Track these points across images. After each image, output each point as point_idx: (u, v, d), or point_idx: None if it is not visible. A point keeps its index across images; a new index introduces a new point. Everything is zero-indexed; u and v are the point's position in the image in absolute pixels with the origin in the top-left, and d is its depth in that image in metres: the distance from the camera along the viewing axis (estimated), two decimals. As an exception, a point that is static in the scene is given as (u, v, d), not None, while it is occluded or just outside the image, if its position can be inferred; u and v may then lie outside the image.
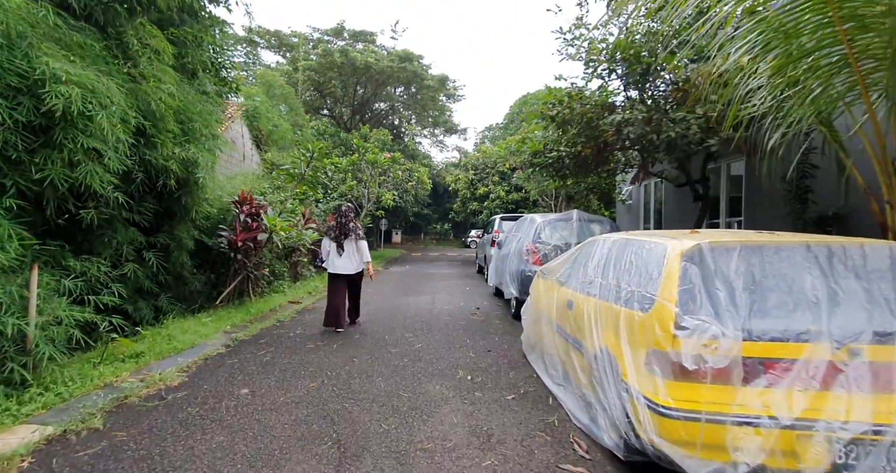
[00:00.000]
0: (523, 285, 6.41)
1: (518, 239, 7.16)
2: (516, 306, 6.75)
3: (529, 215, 7.50)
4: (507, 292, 6.90)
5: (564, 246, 6.34)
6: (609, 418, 2.62)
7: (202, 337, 5.18)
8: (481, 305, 8.21)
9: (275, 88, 17.48)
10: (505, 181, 18.58)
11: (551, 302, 4.04)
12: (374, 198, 16.24)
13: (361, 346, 5.21)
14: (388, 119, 33.67)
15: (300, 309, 7.63)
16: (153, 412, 3.34)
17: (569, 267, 4.05)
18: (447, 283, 11.58)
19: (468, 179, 19.12)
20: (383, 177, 17.36)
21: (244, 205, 6.95)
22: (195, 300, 6.76)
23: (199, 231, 6.78)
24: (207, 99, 6.47)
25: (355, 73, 23.47)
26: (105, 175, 4.04)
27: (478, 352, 5.03)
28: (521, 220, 7.87)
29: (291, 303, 7.99)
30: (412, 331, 6.00)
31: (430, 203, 33.86)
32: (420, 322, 6.63)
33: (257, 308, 7.04)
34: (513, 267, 6.83)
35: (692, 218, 8.57)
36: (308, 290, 9.45)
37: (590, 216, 6.70)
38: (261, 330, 5.89)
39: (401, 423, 3.18)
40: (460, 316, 7.08)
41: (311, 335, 5.75)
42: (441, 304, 8.26)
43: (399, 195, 19.52)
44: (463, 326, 6.36)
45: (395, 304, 8.20)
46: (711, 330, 2.03)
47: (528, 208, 17.56)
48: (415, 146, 25.55)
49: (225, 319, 6.11)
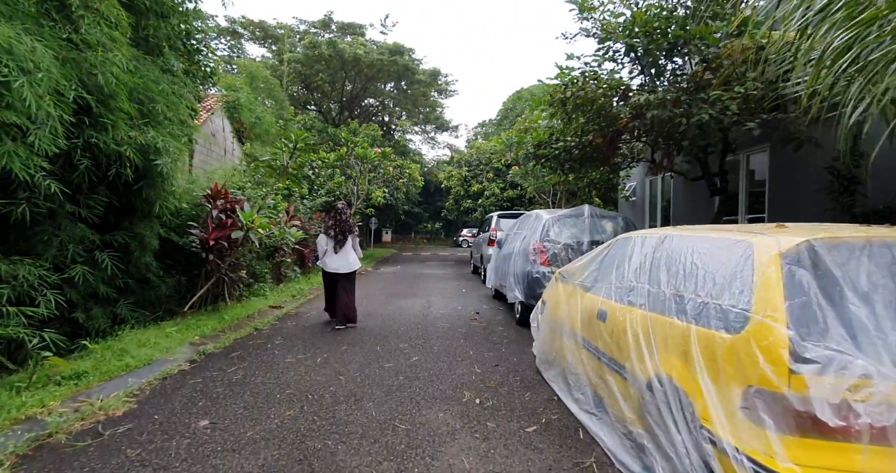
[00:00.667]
0: (530, 288, 5.78)
1: (523, 237, 6.52)
2: (522, 311, 6.12)
3: (535, 211, 6.88)
4: (511, 295, 6.26)
5: (576, 244, 5.72)
6: (676, 470, 1.98)
7: (163, 351, 4.45)
8: (481, 309, 7.56)
9: (258, 80, 16.64)
10: (500, 178, 17.96)
11: (574, 310, 3.40)
12: (363, 196, 15.52)
13: (349, 360, 4.53)
14: (377, 116, 32.88)
15: (281, 314, 6.91)
16: (81, 456, 2.62)
17: (595, 270, 3.42)
18: (442, 285, 10.92)
19: (461, 176, 18.46)
20: (373, 174, 16.65)
21: (217, 199, 6.21)
22: (163, 306, 6.01)
23: (167, 229, 6.03)
24: (175, 80, 5.72)
25: (343, 66, 22.65)
26: (32, 158, 3.30)
27: (484, 367, 4.37)
28: (526, 217, 7.24)
29: (272, 308, 7.26)
30: (407, 341, 5.33)
31: (420, 201, 33.17)
32: (416, 329, 5.96)
33: (233, 314, 6.31)
34: (518, 267, 6.20)
35: (705, 215, 8.03)
36: (292, 293, 8.72)
37: (602, 212, 6.09)
38: (234, 341, 5.17)
39: (398, 470, 2.52)
40: (459, 322, 6.43)
41: (291, 346, 5.04)
42: (437, 308, 7.60)
43: (390, 192, 18.80)
44: (463, 334, 5.71)
45: (388, 309, 7.51)
46: (858, 367, 1.40)
47: (525, 206, 16.97)
48: (405, 142, 24.79)
49: (194, 328, 5.38)
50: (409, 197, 22.29)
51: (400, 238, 36.39)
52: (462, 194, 18.38)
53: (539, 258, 5.81)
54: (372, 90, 28.96)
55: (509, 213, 11.31)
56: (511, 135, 9.98)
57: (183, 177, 6.82)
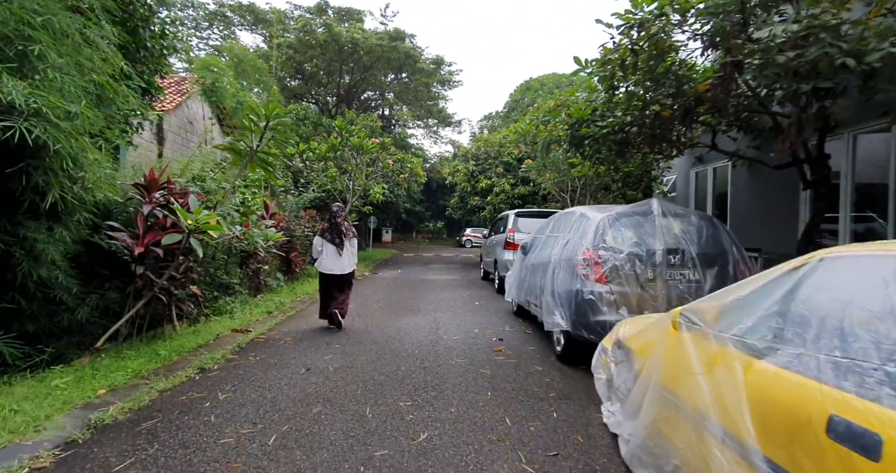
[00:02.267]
0: (580, 313, 4.17)
1: (563, 242, 4.90)
2: (566, 344, 4.50)
3: (577, 209, 5.25)
4: (550, 321, 4.65)
5: (646, 253, 4.10)
6: None
7: (18, 431, 2.82)
8: (503, 332, 5.94)
9: (245, 64, 15.01)
10: (510, 173, 16.35)
11: (733, 396, 1.78)
12: (360, 192, 13.90)
13: (320, 440, 2.91)
14: (377, 109, 31.23)
15: (245, 342, 5.29)
16: None
17: (775, 315, 1.80)
18: (450, 295, 9.30)
19: (468, 171, 16.82)
20: (371, 169, 15.05)
21: (153, 191, 4.59)
22: (76, 337, 4.42)
23: (92, 230, 4.43)
24: (86, 24, 4.11)
25: (340, 52, 20.98)
26: None
27: (534, 456, 2.75)
28: (564, 217, 5.61)
29: (236, 332, 5.65)
30: (409, 393, 3.72)
31: (422, 199, 31.54)
32: (421, 370, 4.35)
33: (176, 345, 4.70)
34: (559, 284, 4.58)
35: (782, 214, 6.40)
36: (268, 309, 7.10)
37: (678, 208, 4.46)
38: (156, 397, 3.55)
39: None
40: (480, 357, 4.81)
41: (240, 404, 3.43)
42: (448, 331, 5.98)
43: (389, 189, 17.19)
44: (489, 379, 4.09)
45: (385, 332, 5.90)
46: None
47: (538, 203, 15.36)
48: (406, 134, 23.08)
49: (103, 374, 3.76)
50: (411, 194, 20.66)
51: (400, 237, 34.78)
52: (469, 191, 16.74)
53: (592, 272, 4.19)
54: (371, 81, 27.30)
55: (529, 212, 9.68)
56: (538, 115, 8.30)
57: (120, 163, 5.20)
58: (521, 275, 6.43)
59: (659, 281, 4.01)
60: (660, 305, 3.97)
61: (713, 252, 4.10)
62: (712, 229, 4.25)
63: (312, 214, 12.60)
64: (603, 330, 4.03)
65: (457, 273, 14.23)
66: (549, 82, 25.93)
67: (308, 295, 9.00)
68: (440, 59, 23.75)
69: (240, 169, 5.82)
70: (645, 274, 4.04)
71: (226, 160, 8.35)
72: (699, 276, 4.02)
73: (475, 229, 32.57)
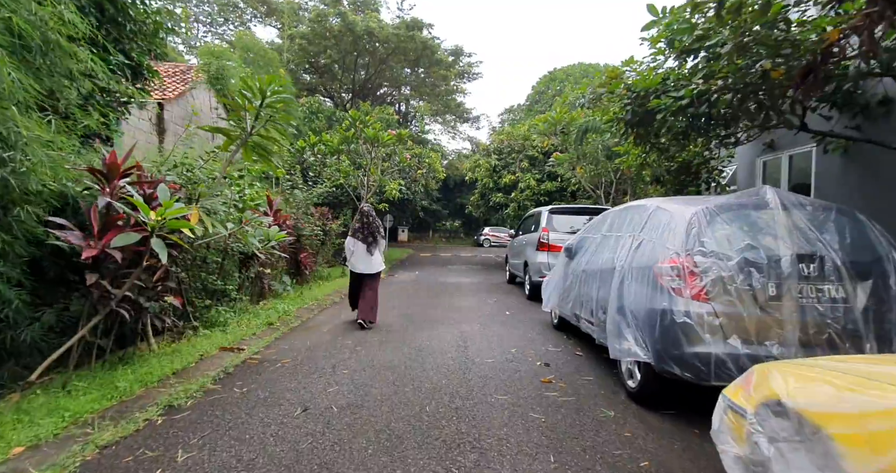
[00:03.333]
0: (670, 342, 3.06)
1: (634, 244, 3.79)
2: (645, 380, 3.39)
3: (649, 202, 4.11)
4: (617, 348, 3.56)
5: (767, 261, 2.96)
6: None
7: None
8: (547, 353, 4.85)
9: (255, 54, 14.17)
10: (535, 167, 15.17)
11: None
12: (374, 187, 12.94)
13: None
14: (393, 106, 30.28)
15: (236, 364, 4.33)
16: None
17: None
18: (474, 302, 8.24)
19: (490, 166, 15.68)
20: (387, 163, 14.09)
21: (114, 178, 3.63)
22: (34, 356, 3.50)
23: (46, 229, 3.51)
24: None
25: (355, 44, 20.07)
26: None
27: None
28: (627, 211, 4.48)
29: (226, 351, 4.69)
30: (439, 454, 2.66)
31: (439, 197, 30.50)
32: (452, 410, 3.30)
33: (142, 373, 3.75)
34: (631, 299, 3.48)
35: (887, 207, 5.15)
36: (268, 320, 6.14)
37: (802, 198, 3.29)
38: (89, 461, 2.57)
39: None
40: (525, 389, 3.74)
41: (204, 471, 2.44)
42: (479, 350, 4.92)
43: (406, 185, 16.19)
44: (546, 432, 3.01)
45: (403, 351, 4.87)
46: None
47: (566, 200, 14.17)
48: (424, 127, 21.99)
49: (26, 425, 2.80)
50: (429, 191, 19.64)
51: (417, 236, 33.82)
52: (491, 187, 15.61)
53: (686, 286, 3.07)
54: (386, 75, 26.36)
55: (565, 208, 8.55)
56: (580, 95, 7.17)
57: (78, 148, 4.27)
58: (567, 283, 5.33)
59: (787, 300, 2.88)
60: (789, 334, 2.84)
61: (865, 259, 2.95)
62: (858, 227, 3.08)
63: (324, 211, 11.69)
64: (704, 366, 2.93)
65: (478, 275, 13.15)
66: (575, 72, 24.55)
67: (317, 301, 8.05)
68: (459, 49, 22.62)
69: (230, 155, 4.86)
70: (766, 289, 2.90)
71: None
72: (845, 293, 2.87)
73: (494, 228, 31.43)
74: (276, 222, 7.73)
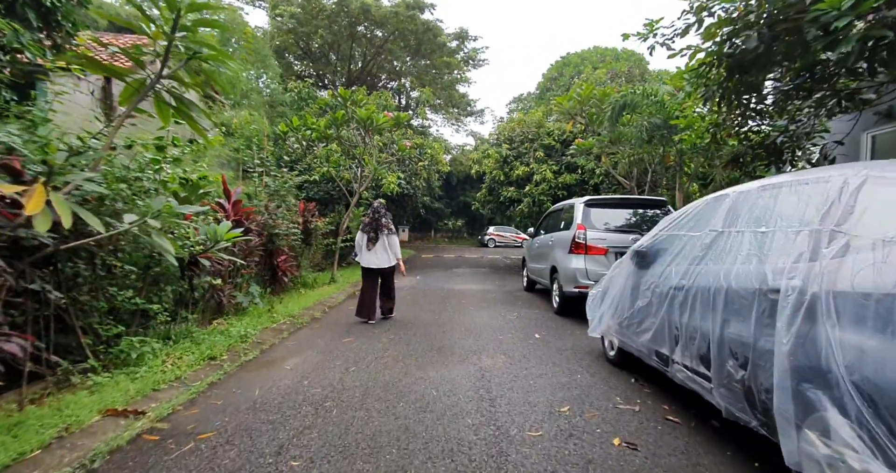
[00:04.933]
0: None
1: (815, 247, 2.03)
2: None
3: (832, 170, 2.34)
4: (807, 450, 1.79)
5: None
6: None
7: None
8: (620, 420, 3.10)
9: (233, 25, 12.43)
10: (551, 158, 13.40)
11: None
12: (368, 180, 11.21)
13: None
14: (393, 98, 28.49)
15: (122, 442, 2.59)
16: None
17: None
18: (491, 319, 6.48)
19: (500, 156, 13.90)
20: (384, 154, 12.38)
21: None
22: None
23: None
24: None
25: (350, 26, 18.30)
26: None
27: None
28: (767, 191, 2.69)
29: (114, 416, 2.95)
30: None
31: (441, 195, 28.74)
32: None
33: None
34: (852, 358, 1.72)
35: None
36: (211, 353, 4.39)
37: None
38: None
39: None
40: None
41: None
42: (512, 414, 3.16)
43: (406, 178, 14.43)
44: None
45: (396, 410, 3.12)
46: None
47: (588, 193, 12.40)
48: (424, 115, 20.13)
49: None
50: (431, 185, 17.87)
51: (418, 236, 32.06)
52: (501, 180, 13.84)
53: None
54: (385, 65, 24.59)
55: (607, 200, 6.78)
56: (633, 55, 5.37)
57: None
58: (638, 303, 3.58)
59: None
60: None
61: None
62: None
63: (309, 207, 9.96)
64: None
65: (489, 280, 11.40)
66: (591, 57, 22.71)
67: (291, 318, 6.31)
68: (464, 32, 20.79)
69: (126, 109, 3.12)
70: None
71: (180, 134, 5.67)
72: None
73: (499, 227, 29.65)
74: (237, 216, 6.01)
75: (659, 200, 6.51)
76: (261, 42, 13.61)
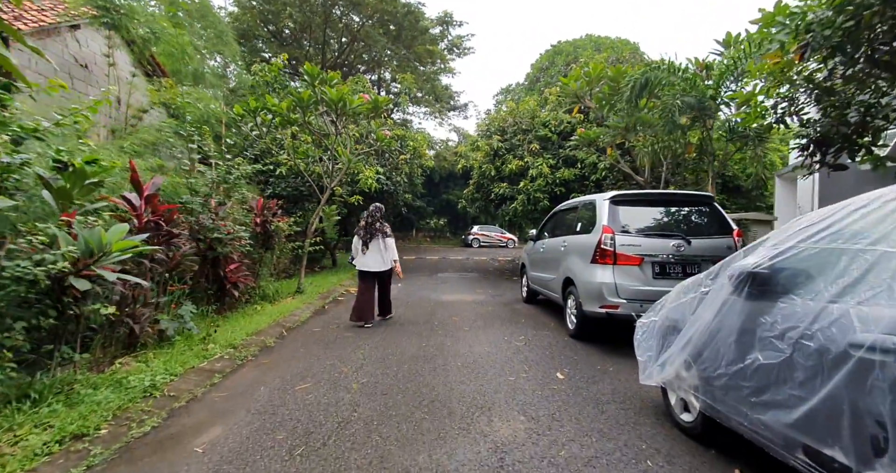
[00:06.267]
0: None
1: None
2: None
3: None
4: None
5: None
6: None
7: None
8: None
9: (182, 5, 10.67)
10: (547, 151, 12.08)
11: None
12: (342, 174, 9.64)
13: None
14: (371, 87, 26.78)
15: None
16: None
17: None
18: (493, 346, 5.04)
19: (491, 149, 12.49)
20: (361, 146, 10.85)
21: None
22: None
23: None
24: None
25: (325, 6, 16.60)
26: None
27: None
28: None
29: None
30: None
31: (423, 193, 27.24)
32: None
33: None
34: None
35: None
36: (77, 428, 2.84)
37: None
38: None
39: None
40: None
41: None
42: None
43: (386, 174, 12.91)
44: None
45: None
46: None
47: (588, 190, 11.13)
48: (406, 103, 18.53)
49: None
50: (413, 181, 16.36)
51: (399, 236, 30.38)
52: (492, 175, 12.46)
53: None
54: (364, 56, 22.92)
55: (637, 195, 5.40)
56: None
57: None
58: (753, 359, 2.21)
59: None
60: None
61: None
62: None
63: (270, 204, 8.35)
64: None
65: (481, 288, 10.00)
66: (585, 45, 21.52)
67: (233, 349, 4.77)
68: (448, 16, 19.27)
69: None
70: None
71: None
72: None
73: (483, 227, 28.37)
74: (155, 217, 4.43)
75: (704, 196, 5.21)
76: (214, 16, 11.85)
